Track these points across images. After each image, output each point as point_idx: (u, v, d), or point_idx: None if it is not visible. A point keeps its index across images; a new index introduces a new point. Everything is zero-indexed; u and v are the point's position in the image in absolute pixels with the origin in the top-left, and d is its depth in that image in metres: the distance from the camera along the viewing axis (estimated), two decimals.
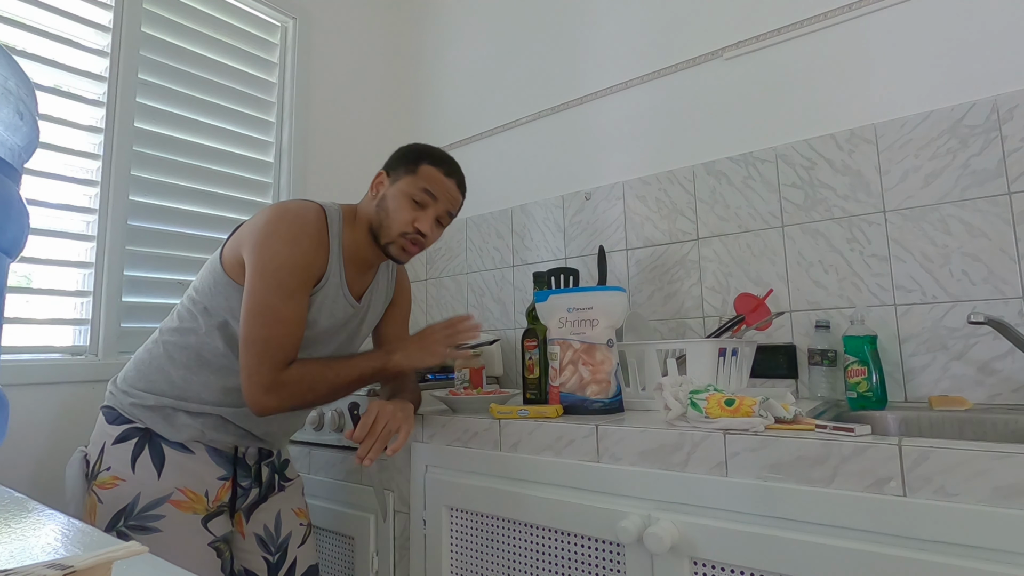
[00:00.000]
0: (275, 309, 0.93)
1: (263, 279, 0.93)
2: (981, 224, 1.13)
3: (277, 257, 0.94)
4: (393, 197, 1.04)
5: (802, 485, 0.74)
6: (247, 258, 0.96)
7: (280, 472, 1.13)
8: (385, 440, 0.99)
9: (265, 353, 0.92)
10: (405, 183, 1.04)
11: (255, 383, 0.92)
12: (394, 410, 1.01)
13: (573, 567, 0.94)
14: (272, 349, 0.92)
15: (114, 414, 0.99)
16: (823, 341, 1.23)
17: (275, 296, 0.93)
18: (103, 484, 0.94)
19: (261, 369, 0.92)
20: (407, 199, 1.03)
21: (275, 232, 0.95)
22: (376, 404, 1.01)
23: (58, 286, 1.40)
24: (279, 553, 1.08)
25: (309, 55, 1.95)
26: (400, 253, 1.05)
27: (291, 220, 0.97)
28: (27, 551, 0.42)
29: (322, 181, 1.93)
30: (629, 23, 1.65)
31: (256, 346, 0.92)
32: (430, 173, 1.04)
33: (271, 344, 0.92)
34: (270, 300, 0.92)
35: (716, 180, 1.45)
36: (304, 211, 0.99)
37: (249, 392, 0.92)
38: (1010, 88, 1.12)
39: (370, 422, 0.98)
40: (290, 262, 0.94)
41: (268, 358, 0.92)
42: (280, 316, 0.93)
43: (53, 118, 1.39)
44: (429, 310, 2.06)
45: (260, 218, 0.99)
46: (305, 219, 0.98)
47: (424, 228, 1.03)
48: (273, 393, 0.92)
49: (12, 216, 0.55)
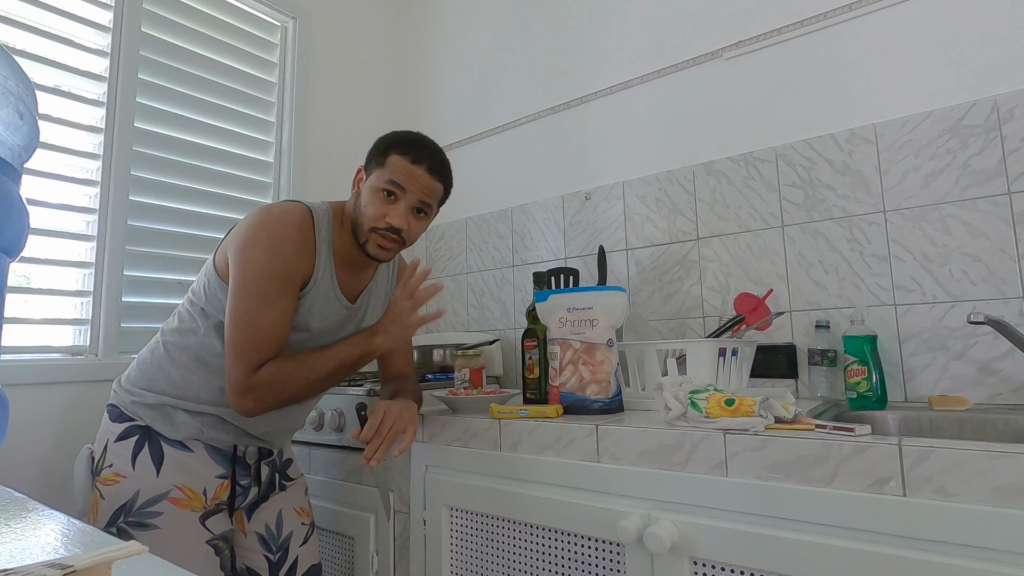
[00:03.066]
0: (253, 314, 0.93)
1: (243, 286, 0.94)
2: (981, 224, 1.13)
3: (256, 263, 0.94)
4: (365, 192, 1.01)
5: (802, 485, 0.74)
6: (231, 263, 0.96)
7: (281, 471, 1.13)
8: (392, 440, 0.99)
9: (242, 357, 0.93)
10: (375, 177, 1.00)
11: (231, 386, 0.93)
12: (400, 410, 1.01)
13: (573, 567, 0.94)
14: (248, 353, 0.93)
15: (117, 412, 1.00)
16: (823, 341, 1.23)
17: (253, 302, 0.93)
18: (105, 480, 0.96)
19: (236, 373, 0.93)
20: (377, 193, 0.99)
21: (255, 238, 0.95)
22: (383, 404, 1.01)
23: (58, 286, 1.40)
24: (280, 552, 1.08)
25: (309, 55, 1.95)
26: (377, 251, 1.01)
27: (272, 226, 0.96)
28: (27, 551, 0.42)
29: (322, 181, 1.93)
30: (629, 23, 1.65)
31: (235, 350, 0.93)
32: (396, 163, 0.99)
33: (248, 348, 0.93)
34: (248, 306, 0.93)
35: (716, 180, 1.45)
36: (288, 215, 0.98)
37: (229, 395, 0.94)
38: (1010, 88, 1.12)
39: (377, 422, 0.98)
40: (269, 268, 0.94)
41: (244, 362, 0.92)
42: (258, 322, 0.93)
43: (53, 118, 1.39)
44: (429, 310, 2.05)
45: (244, 223, 0.99)
46: (287, 224, 0.97)
47: (396, 222, 0.98)
48: (248, 395, 0.93)
49: (12, 216, 0.55)
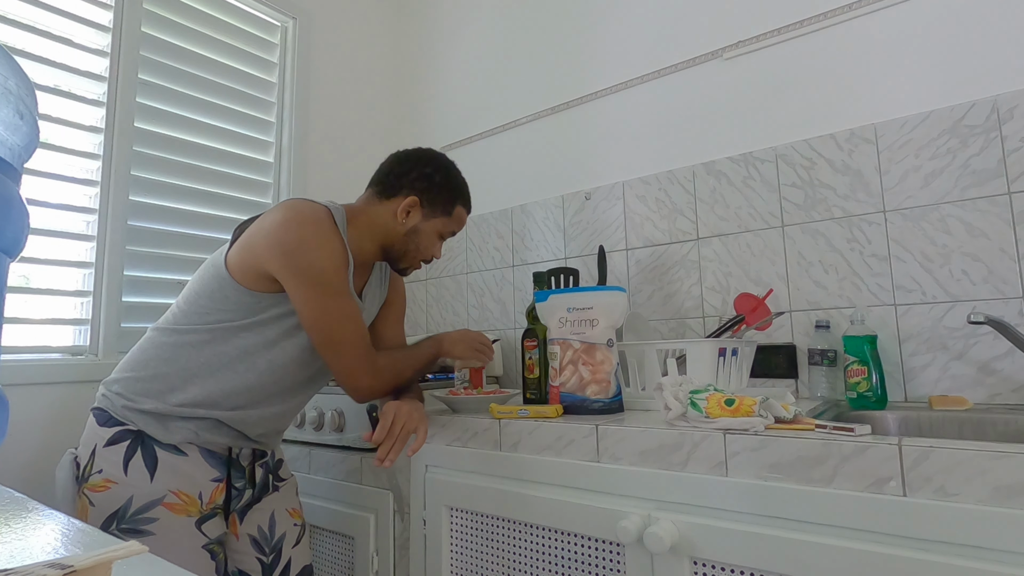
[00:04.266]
0: (340, 309, 0.98)
1: (313, 288, 0.95)
2: (981, 224, 1.13)
3: (318, 264, 0.95)
4: (427, 234, 1.11)
5: (802, 485, 0.74)
6: (281, 271, 0.95)
7: (274, 472, 1.12)
8: (404, 441, 1.00)
9: (355, 347, 0.99)
10: (441, 223, 1.11)
11: (356, 374, 1.00)
12: (410, 411, 1.02)
13: (573, 567, 0.94)
14: (359, 342, 0.99)
15: (105, 416, 0.96)
16: (823, 341, 1.23)
17: (332, 300, 0.97)
18: (95, 487, 0.92)
19: (360, 362, 0.99)
20: (438, 237, 1.12)
21: (303, 238, 0.95)
22: (393, 405, 1.01)
23: (58, 286, 1.40)
24: (273, 554, 1.08)
25: (309, 55, 1.95)
26: (410, 271, 1.16)
27: (314, 224, 0.97)
28: (27, 551, 0.42)
29: (322, 181, 1.93)
30: (629, 23, 1.65)
31: (343, 347, 0.98)
32: (461, 216, 1.14)
33: (356, 339, 0.99)
34: (328, 305, 0.97)
35: (716, 180, 1.45)
36: (319, 213, 1.00)
37: (354, 382, 1.00)
38: (1010, 88, 1.12)
39: (388, 423, 0.99)
40: (330, 264, 0.97)
41: (361, 350, 0.99)
42: (346, 313, 0.98)
43: (53, 118, 1.39)
44: (429, 310, 2.06)
45: (274, 225, 0.96)
46: (325, 221, 0.99)
47: (439, 255, 1.16)
48: (376, 376, 1.01)
49: (12, 216, 0.55)
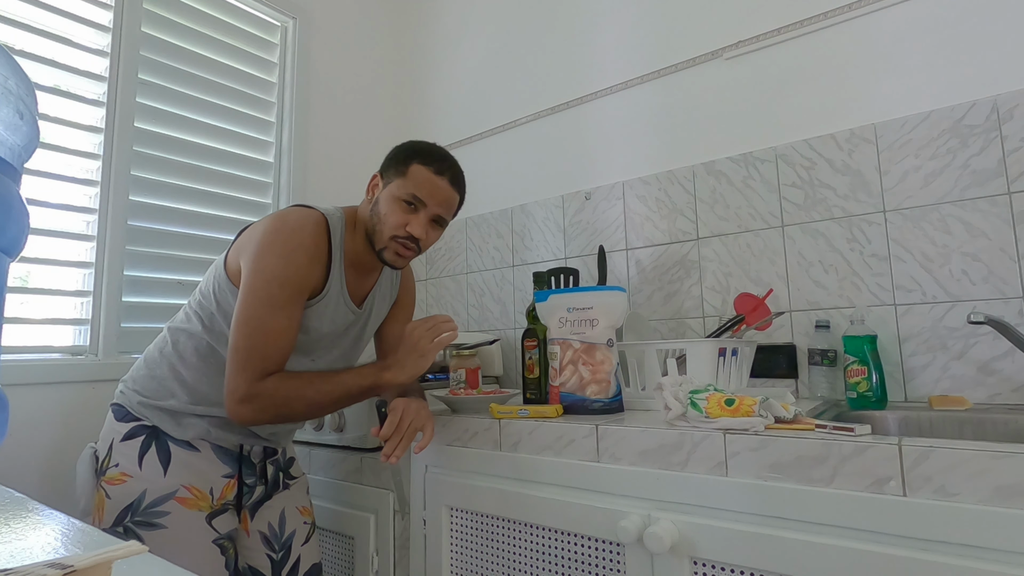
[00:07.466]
0: (261, 320, 0.92)
1: (254, 291, 0.93)
2: (981, 224, 1.13)
3: (270, 270, 0.93)
4: (384, 201, 1.01)
5: (802, 485, 0.74)
6: (243, 267, 0.96)
7: (285, 470, 1.13)
8: (411, 438, 1.00)
9: (247, 362, 0.91)
10: (396, 186, 1.01)
11: (231, 391, 0.92)
12: (418, 408, 1.02)
13: (573, 567, 0.94)
14: (253, 359, 0.91)
15: (123, 411, 1.00)
16: (823, 341, 1.23)
17: (263, 308, 0.92)
18: (111, 480, 0.95)
19: (238, 378, 0.91)
20: (398, 202, 1.00)
21: (270, 245, 0.95)
22: (401, 402, 1.02)
23: (58, 286, 1.40)
24: (283, 551, 1.09)
25: (309, 55, 1.95)
26: (394, 258, 1.02)
27: (288, 234, 0.96)
28: (27, 551, 0.42)
29: (322, 181, 1.93)
30: (629, 23, 1.65)
31: (239, 355, 0.92)
32: (420, 174, 1.00)
33: (253, 354, 0.91)
34: (258, 311, 0.92)
35: (716, 180, 1.45)
36: (304, 223, 0.98)
37: (227, 400, 0.92)
38: (1010, 88, 1.12)
39: (396, 420, 0.99)
40: (282, 276, 0.93)
41: (249, 367, 0.91)
42: (266, 327, 0.92)
43: (53, 118, 1.39)
44: (429, 310, 2.06)
45: (259, 227, 0.99)
46: (303, 232, 0.97)
47: (416, 232, 1.00)
48: (247, 403, 0.91)
49: (12, 216, 0.55)
